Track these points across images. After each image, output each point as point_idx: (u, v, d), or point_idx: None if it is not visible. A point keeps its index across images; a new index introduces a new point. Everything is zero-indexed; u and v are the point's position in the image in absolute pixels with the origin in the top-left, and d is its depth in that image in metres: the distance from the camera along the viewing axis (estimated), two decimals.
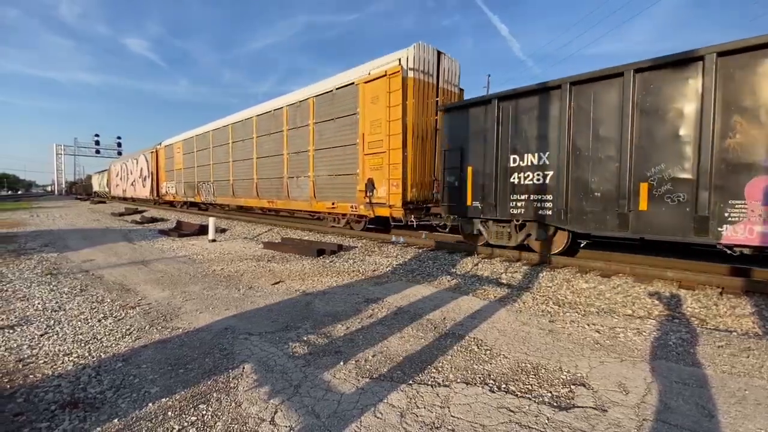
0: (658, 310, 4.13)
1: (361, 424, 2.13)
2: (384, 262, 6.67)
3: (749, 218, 4.28)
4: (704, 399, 2.37)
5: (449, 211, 7.37)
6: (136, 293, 4.82)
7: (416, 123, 8.37)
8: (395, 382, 2.60)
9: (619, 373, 2.70)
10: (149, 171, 25.35)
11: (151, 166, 24.92)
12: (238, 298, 4.61)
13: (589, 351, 3.09)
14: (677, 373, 2.70)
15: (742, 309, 3.98)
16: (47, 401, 2.37)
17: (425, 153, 8.73)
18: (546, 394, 2.44)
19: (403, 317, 3.90)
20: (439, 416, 2.20)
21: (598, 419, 2.17)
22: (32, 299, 4.50)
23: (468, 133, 6.88)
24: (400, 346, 3.19)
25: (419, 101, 8.43)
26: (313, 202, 10.79)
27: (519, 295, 4.70)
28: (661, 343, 3.24)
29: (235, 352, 3.07)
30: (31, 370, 2.76)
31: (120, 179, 34.29)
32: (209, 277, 5.67)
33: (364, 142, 8.94)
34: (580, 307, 4.29)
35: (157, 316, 3.94)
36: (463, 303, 4.40)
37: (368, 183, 8.79)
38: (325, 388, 2.51)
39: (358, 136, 9.08)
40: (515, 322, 3.75)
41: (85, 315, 3.97)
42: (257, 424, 2.14)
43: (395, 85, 8.17)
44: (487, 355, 3.02)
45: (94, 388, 2.52)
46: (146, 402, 2.35)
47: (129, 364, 2.87)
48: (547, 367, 2.81)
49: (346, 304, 4.32)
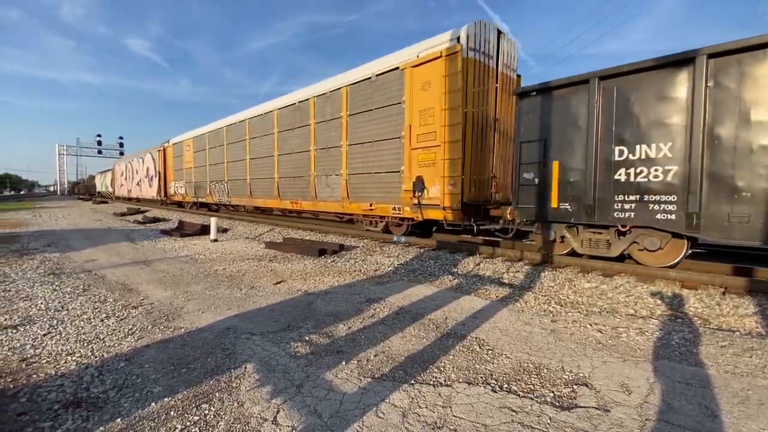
0: (660, 309, 4.12)
1: (363, 423, 2.13)
2: (385, 261, 6.67)
3: None
4: (707, 399, 2.36)
5: (525, 214, 6.25)
6: (138, 293, 4.84)
7: (476, 112, 7.35)
8: (397, 381, 2.60)
9: (622, 373, 2.69)
10: (156, 170, 24.23)
11: (158, 165, 23.80)
12: (240, 297, 4.62)
13: (591, 351, 3.08)
14: (680, 373, 2.70)
15: (745, 309, 3.96)
16: (50, 401, 2.37)
17: (484, 147, 7.65)
18: (548, 394, 2.44)
19: (404, 317, 3.90)
20: (441, 416, 2.20)
21: (600, 419, 2.16)
22: (35, 299, 4.52)
23: (554, 121, 5.78)
24: (401, 345, 3.19)
25: (478, 87, 7.40)
26: (346, 203, 9.57)
27: (521, 294, 4.69)
28: (664, 343, 3.23)
29: (237, 351, 3.08)
30: (34, 370, 2.77)
31: (125, 179, 33.17)
32: (211, 277, 5.68)
33: (410, 134, 7.80)
34: (582, 306, 4.28)
35: (159, 316, 3.95)
36: (465, 303, 4.39)
37: (417, 181, 7.68)
38: (327, 387, 2.51)
39: (404, 129, 7.94)
40: (517, 322, 3.75)
41: (87, 315, 3.98)
42: (259, 423, 2.14)
43: (453, 67, 7.03)
44: (489, 355, 3.01)
45: (97, 388, 2.52)
46: (149, 402, 2.36)
47: (132, 363, 2.88)
48: (549, 367, 2.80)
49: (347, 304, 4.33)
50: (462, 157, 7.05)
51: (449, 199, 7.18)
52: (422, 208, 7.70)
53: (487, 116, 7.69)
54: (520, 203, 6.29)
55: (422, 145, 7.63)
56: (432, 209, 7.54)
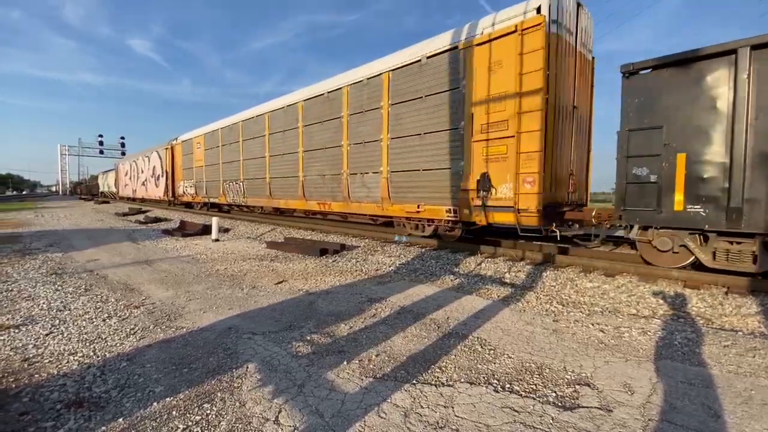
0: (663, 309, 4.11)
1: (365, 423, 2.13)
2: (387, 261, 6.67)
3: None
4: (710, 399, 2.35)
5: (633, 219, 5.20)
6: (140, 293, 4.84)
7: (556, 98, 6.30)
8: (399, 381, 2.59)
9: (624, 373, 2.69)
10: (163, 169, 22.92)
11: (165, 163, 22.48)
12: (241, 297, 4.62)
13: (593, 351, 3.07)
14: (683, 373, 2.69)
15: (748, 308, 3.95)
16: (52, 400, 2.38)
17: (562, 139, 6.62)
18: (550, 394, 2.43)
19: (406, 317, 3.90)
20: (443, 416, 2.20)
21: (603, 419, 2.16)
22: (37, 299, 4.53)
23: (678, 104, 4.78)
24: (403, 345, 3.19)
25: (560, 68, 6.39)
26: (386, 204, 8.48)
27: (523, 294, 4.68)
28: (666, 343, 3.22)
29: (238, 351, 3.08)
30: (37, 370, 2.78)
31: (129, 179, 31.61)
32: (213, 277, 5.69)
33: (473, 124, 6.69)
34: (584, 306, 4.27)
35: (161, 316, 3.95)
36: (467, 302, 4.39)
37: (481, 179, 6.56)
38: (328, 387, 2.51)
39: (464, 118, 6.83)
40: (519, 322, 3.74)
41: (89, 314, 3.99)
42: (261, 423, 2.14)
43: (535, 42, 5.94)
44: (491, 355, 3.01)
45: (99, 388, 2.53)
46: (151, 401, 2.36)
47: (133, 363, 2.88)
48: (551, 367, 2.79)
49: (349, 304, 4.33)
50: (542, 150, 5.94)
51: (525, 200, 6.11)
52: (487, 211, 6.58)
53: (566, 103, 6.65)
54: (627, 205, 5.20)
55: (489, 136, 6.50)
56: (501, 212, 6.43)
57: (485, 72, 6.55)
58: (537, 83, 5.96)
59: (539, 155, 5.95)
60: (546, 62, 5.94)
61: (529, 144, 6.05)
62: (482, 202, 6.60)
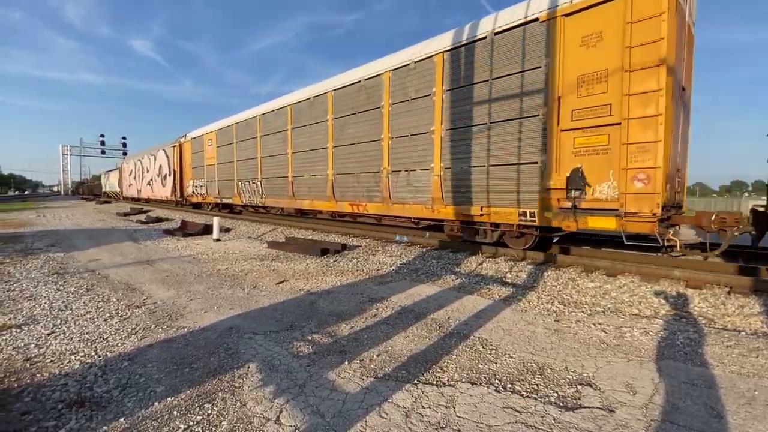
0: (665, 309, 4.09)
1: (366, 423, 2.12)
2: (388, 261, 6.66)
3: None
4: (713, 400, 2.34)
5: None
6: (141, 293, 4.85)
7: (676, 75, 5.30)
8: (400, 381, 2.59)
9: (626, 373, 2.68)
10: (170, 168, 21.69)
11: (172, 162, 21.30)
12: (242, 297, 4.62)
13: (595, 351, 3.06)
14: (685, 374, 2.68)
15: (751, 308, 3.93)
16: (54, 400, 2.38)
17: (677, 126, 5.64)
18: (552, 394, 2.43)
19: (407, 317, 3.89)
20: (444, 416, 2.19)
21: (605, 420, 2.15)
22: (39, 298, 4.54)
23: None
24: (404, 345, 3.19)
25: (678, 40, 5.35)
26: (438, 206, 7.38)
27: (524, 294, 4.68)
28: (669, 343, 3.21)
29: (240, 351, 3.08)
30: (39, 369, 2.78)
31: (134, 178, 30.18)
32: (214, 277, 5.69)
33: (559, 110, 5.62)
34: (585, 306, 4.26)
35: (162, 316, 3.96)
36: (468, 302, 4.38)
37: (573, 176, 5.50)
38: (329, 387, 2.51)
39: (547, 103, 5.75)
40: (520, 322, 3.73)
41: (91, 314, 4.00)
42: (262, 423, 2.14)
43: (650, 7, 4.89)
44: (493, 355, 3.00)
45: (101, 387, 2.53)
46: (152, 401, 2.36)
47: (135, 363, 2.88)
48: (553, 367, 2.79)
49: (350, 304, 4.32)
50: (662, 140, 4.85)
51: (636, 202, 5.02)
52: (578, 215, 5.45)
53: (678, 84, 5.56)
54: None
55: (583, 124, 5.43)
56: (599, 216, 5.30)
57: (578, 47, 5.47)
58: (653, 55, 4.87)
59: (657, 146, 4.86)
60: (669, 30, 4.85)
61: (642, 132, 4.96)
62: (573, 204, 5.46)
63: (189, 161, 19.63)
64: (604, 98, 5.27)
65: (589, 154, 5.42)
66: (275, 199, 12.69)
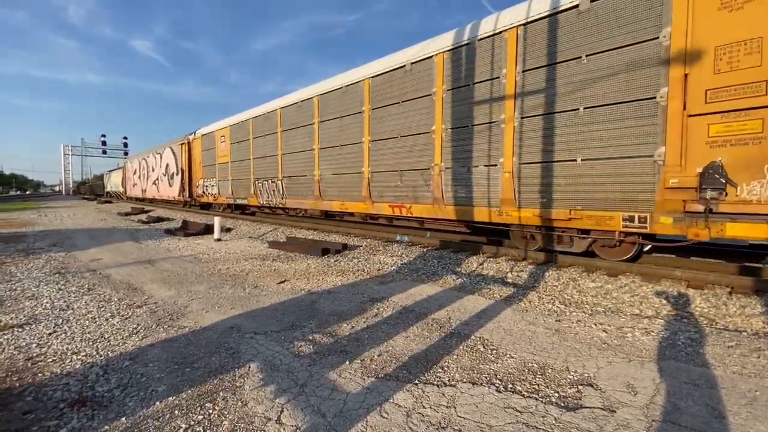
0: (666, 309, 4.09)
1: (367, 423, 2.13)
2: (389, 261, 6.67)
3: None
4: (714, 400, 2.34)
5: None
6: (142, 292, 4.86)
7: None
8: (401, 381, 2.59)
9: (628, 374, 2.67)
10: (178, 167, 20.33)
11: (180, 160, 19.94)
12: (243, 297, 4.62)
13: (596, 351, 3.06)
14: (686, 374, 2.67)
15: (752, 308, 3.93)
16: (56, 399, 2.39)
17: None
18: (553, 394, 2.42)
19: (408, 316, 3.89)
20: (445, 416, 2.19)
21: (606, 420, 2.15)
22: (41, 298, 4.55)
23: None
24: (405, 345, 3.19)
25: None
26: (508, 207, 6.26)
27: (525, 294, 4.67)
28: (670, 343, 3.20)
29: (241, 351, 3.08)
30: (40, 369, 2.79)
31: (138, 177, 28.72)
32: (215, 276, 5.70)
33: (686, 90, 4.53)
34: (586, 306, 4.26)
35: (163, 315, 3.96)
36: (469, 302, 4.38)
37: (708, 172, 4.40)
38: (330, 387, 2.51)
39: (667, 82, 4.64)
40: (521, 322, 3.73)
41: (92, 314, 4.01)
42: (263, 423, 2.14)
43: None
44: (493, 355, 3.00)
45: (102, 387, 2.54)
46: (153, 400, 2.37)
47: (136, 362, 2.89)
48: (554, 367, 2.78)
49: (351, 303, 4.32)
50: None
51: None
52: (713, 220, 4.39)
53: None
54: None
55: (724, 107, 4.33)
56: (744, 222, 4.24)
57: (715, 10, 4.39)
58: None
59: None
60: None
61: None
62: (706, 207, 4.41)
63: (199, 159, 18.28)
64: (756, 73, 4.17)
65: (732, 144, 4.33)
66: (298, 199, 11.56)
